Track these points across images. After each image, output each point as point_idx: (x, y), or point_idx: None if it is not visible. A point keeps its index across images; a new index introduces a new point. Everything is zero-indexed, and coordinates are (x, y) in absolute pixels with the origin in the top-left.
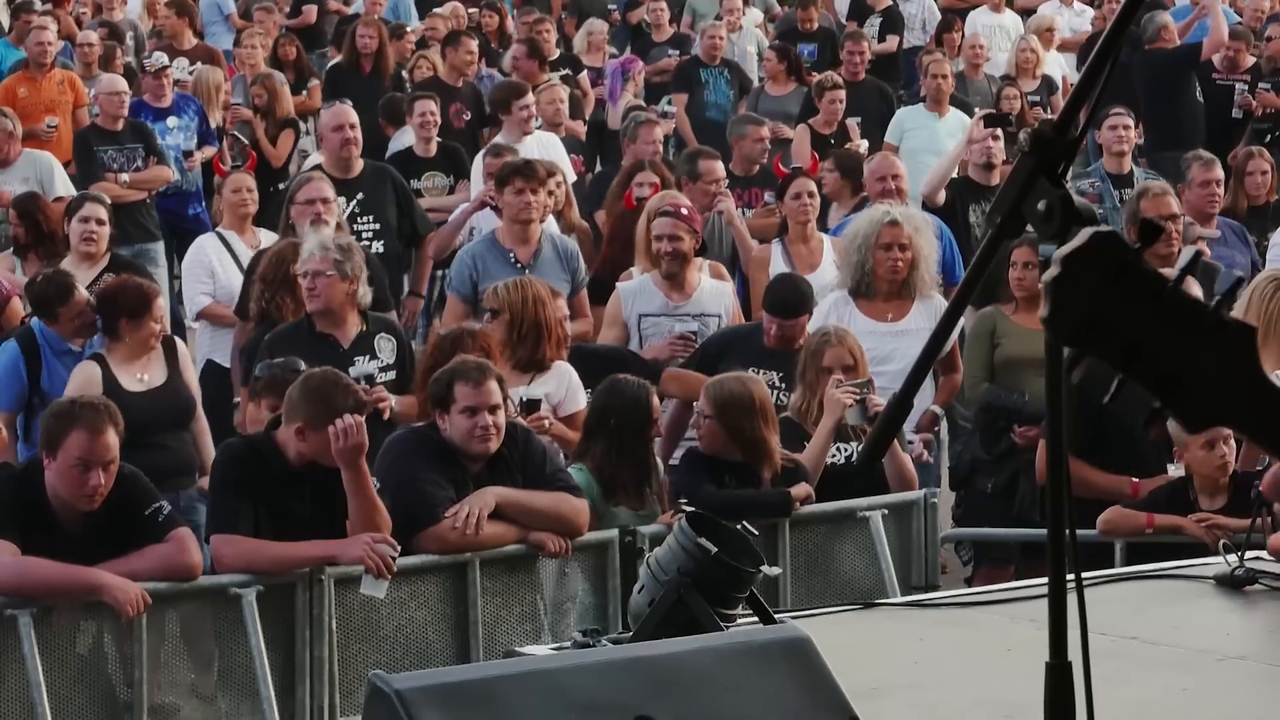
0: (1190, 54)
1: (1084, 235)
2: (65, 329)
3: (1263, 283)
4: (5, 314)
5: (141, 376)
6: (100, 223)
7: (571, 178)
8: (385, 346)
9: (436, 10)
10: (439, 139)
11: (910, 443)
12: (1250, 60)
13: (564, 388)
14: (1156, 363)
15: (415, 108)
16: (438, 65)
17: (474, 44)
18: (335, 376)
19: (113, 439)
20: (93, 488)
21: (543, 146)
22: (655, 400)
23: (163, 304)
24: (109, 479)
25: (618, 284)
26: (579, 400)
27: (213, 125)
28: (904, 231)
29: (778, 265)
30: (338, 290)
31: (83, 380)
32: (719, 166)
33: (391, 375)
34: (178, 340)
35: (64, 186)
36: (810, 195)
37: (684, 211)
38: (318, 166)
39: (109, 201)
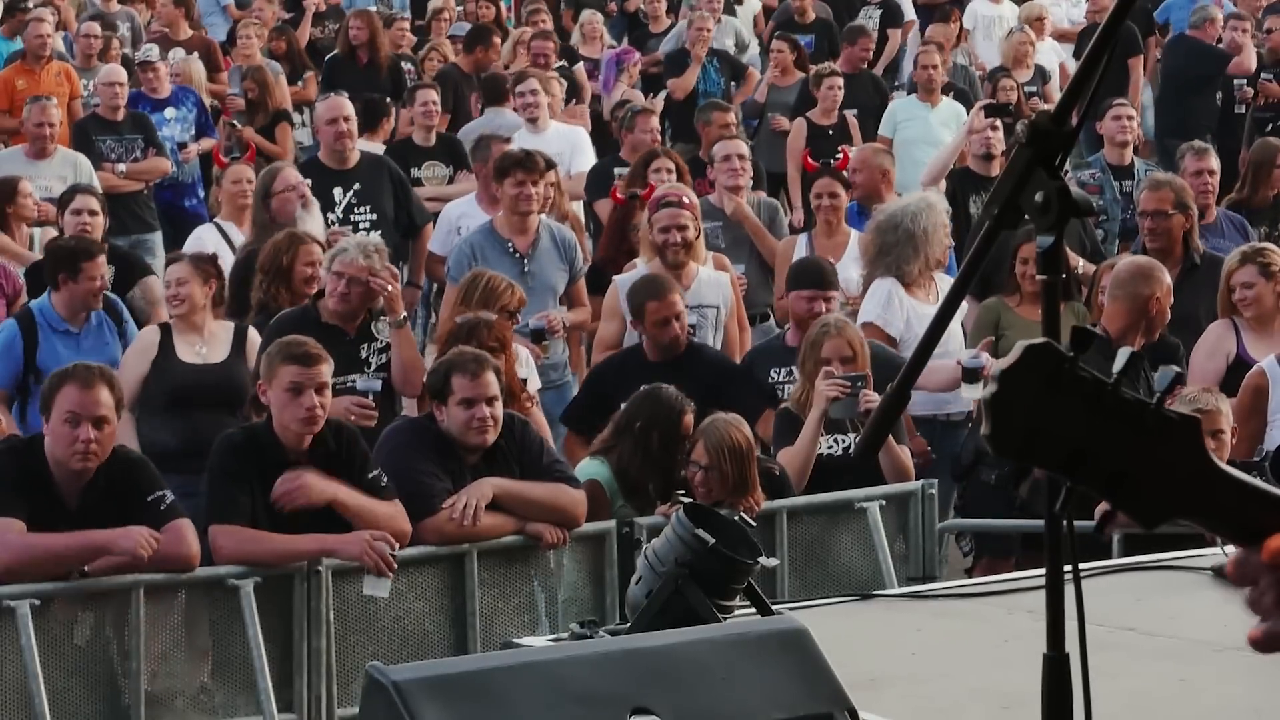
0: (1225, 58)
1: (1017, 350)
2: (83, 288)
3: None
4: (14, 307)
5: (200, 349)
6: (93, 213)
7: (589, 164)
8: (383, 329)
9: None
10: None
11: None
12: (1252, 51)
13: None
14: (1101, 465)
15: (417, 96)
16: (449, 56)
17: (499, 42)
18: (290, 341)
19: (105, 396)
20: (83, 442)
21: (563, 137)
22: (689, 418)
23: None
24: (104, 440)
25: (615, 277)
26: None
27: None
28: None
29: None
30: (366, 298)
31: (143, 345)
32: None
33: (377, 385)
34: (251, 330)
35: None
36: (833, 195)
37: (686, 200)
38: (315, 158)
39: (100, 191)
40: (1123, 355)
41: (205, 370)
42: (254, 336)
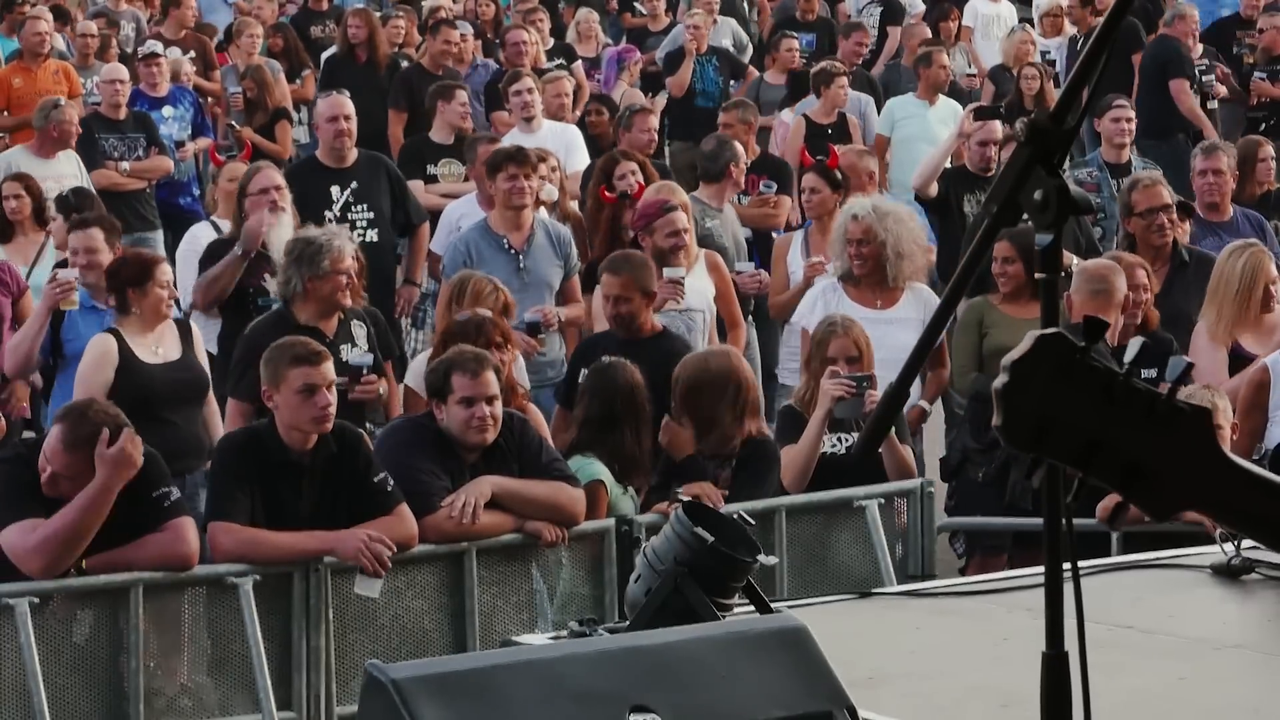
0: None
1: (1029, 340)
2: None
3: (1224, 253)
4: (20, 305)
5: (156, 349)
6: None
7: (583, 163)
8: (360, 334)
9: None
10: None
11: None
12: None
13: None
14: (1116, 456)
15: (455, 95)
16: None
17: (455, 34)
18: (293, 342)
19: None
20: None
21: (556, 136)
22: (639, 378)
23: (168, 270)
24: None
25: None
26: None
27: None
28: (861, 226)
29: (796, 254)
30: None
31: (99, 354)
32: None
33: (369, 359)
34: (193, 324)
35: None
36: (814, 190)
37: (681, 202)
38: (313, 155)
39: (93, 191)
40: (1134, 345)
41: (169, 369)
42: (195, 329)
